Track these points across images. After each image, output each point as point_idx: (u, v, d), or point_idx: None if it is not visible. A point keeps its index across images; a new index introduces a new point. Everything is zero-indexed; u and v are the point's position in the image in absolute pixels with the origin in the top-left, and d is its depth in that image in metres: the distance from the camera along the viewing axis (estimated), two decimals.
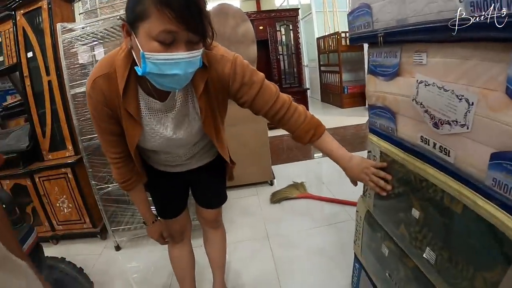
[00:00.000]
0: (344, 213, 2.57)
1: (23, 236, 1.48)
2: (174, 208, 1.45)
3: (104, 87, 0.96)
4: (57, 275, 1.72)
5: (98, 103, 0.98)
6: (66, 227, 2.65)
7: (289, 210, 2.79)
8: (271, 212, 2.79)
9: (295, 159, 4.07)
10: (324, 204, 2.79)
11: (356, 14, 1.16)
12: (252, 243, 2.35)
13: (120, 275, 2.21)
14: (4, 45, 2.48)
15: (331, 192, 2.97)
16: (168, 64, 0.80)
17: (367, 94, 1.23)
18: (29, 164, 2.54)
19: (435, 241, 0.92)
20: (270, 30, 5.52)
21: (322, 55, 7.69)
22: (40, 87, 2.44)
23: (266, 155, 3.21)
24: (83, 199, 2.53)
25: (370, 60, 1.18)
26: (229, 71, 1.03)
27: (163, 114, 1.05)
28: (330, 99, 7.56)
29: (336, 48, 6.63)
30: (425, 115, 0.89)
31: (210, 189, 1.47)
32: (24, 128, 2.66)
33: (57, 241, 2.69)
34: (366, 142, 4.14)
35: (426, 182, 0.93)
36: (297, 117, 1.13)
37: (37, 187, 2.54)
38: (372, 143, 1.23)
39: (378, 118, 1.18)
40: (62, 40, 2.13)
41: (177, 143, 1.13)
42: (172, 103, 1.04)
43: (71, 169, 2.44)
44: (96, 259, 2.40)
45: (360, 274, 1.60)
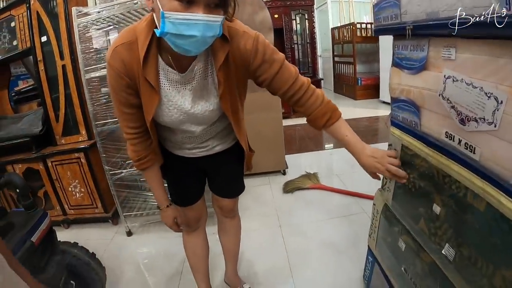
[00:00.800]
0: (357, 206, 2.59)
1: (37, 221, 1.51)
2: (191, 195, 1.47)
3: (125, 55, 0.98)
4: (70, 260, 1.75)
5: (117, 72, 1.00)
6: (77, 211, 2.72)
7: (302, 200, 2.82)
8: (283, 201, 2.83)
9: (307, 149, 4.09)
10: (337, 195, 2.81)
11: (383, 5, 1.16)
12: (264, 232, 2.39)
13: (131, 261, 2.27)
14: (18, 29, 2.51)
15: (344, 183, 2.99)
16: (186, 24, 0.82)
17: (391, 87, 1.23)
18: (42, 148, 2.59)
19: (455, 238, 0.94)
20: (285, 19, 5.49)
21: (336, 45, 7.67)
22: (54, 71, 2.47)
23: (280, 144, 3.24)
24: (96, 184, 2.58)
25: (395, 53, 1.18)
26: (250, 47, 1.04)
27: (181, 86, 1.06)
28: (343, 90, 7.55)
29: (351, 39, 6.61)
30: (452, 111, 0.89)
31: (228, 178, 1.48)
32: (37, 113, 2.71)
33: (68, 225, 2.76)
34: (378, 135, 4.16)
35: (449, 178, 0.94)
36: (314, 99, 1.13)
37: (49, 172, 2.60)
38: (393, 136, 1.24)
39: (401, 112, 1.19)
40: (78, 24, 2.15)
41: (194, 119, 1.13)
42: (191, 75, 1.05)
43: (84, 154, 2.49)
44: (107, 244, 2.46)
45: (373, 268, 1.62)
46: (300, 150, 4.06)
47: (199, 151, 1.32)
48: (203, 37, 0.85)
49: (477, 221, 0.85)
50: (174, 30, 0.82)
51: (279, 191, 3.01)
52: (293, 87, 1.11)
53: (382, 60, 5.95)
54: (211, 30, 0.85)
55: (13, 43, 2.56)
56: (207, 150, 1.32)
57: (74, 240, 1.86)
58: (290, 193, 2.94)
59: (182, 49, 0.87)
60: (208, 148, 1.32)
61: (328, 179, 3.14)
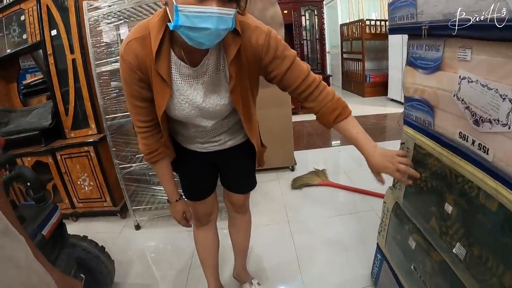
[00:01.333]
0: (364, 203, 2.61)
1: (47, 214, 1.53)
2: (202, 190, 1.49)
3: (138, 50, 1.00)
4: (80, 253, 1.78)
5: (130, 66, 1.02)
6: (86, 204, 2.76)
7: (310, 197, 2.86)
8: (292, 198, 2.86)
9: (315, 146, 4.11)
10: (344, 192, 2.84)
11: (399, 5, 1.17)
12: (273, 228, 2.43)
13: (140, 254, 2.31)
14: (28, 23, 2.54)
15: (351, 180, 3.01)
16: (199, 17, 0.83)
17: (404, 86, 1.25)
18: (51, 141, 2.63)
19: (467, 237, 0.96)
20: (294, 14, 5.49)
21: (345, 42, 7.65)
22: (63, 65, 2.50)
23: (289, 140, 3.26)
24: (105, 178, 2.62)
25: (410, 52, 1.20)
26: (263, 42, 1.05)
27: (193, 80, 1.08)
28: (352, 87, 7.55)
29: (360, 36, 6.60)
30: (466, 112, 0.91)
31: (239, 173, 1.50)
32: (47, 106, 2.74)
33: (77, 218, 2.81)
34: (386, 133, 4.17)
35: (462, 178, 0.96)
36: (324, 95, 1.14)
37: (58, 165, 2.64)
38: (406, 135, 1.26)
39: (414, 111, 1.21)
40: (88, 18, 2.18)
41: (205, 113, 1.15)
42: (203, 69, 1.07)
43: (93, 148, 2.52)
44: (115, 237, 2.51)
45: (381, 265, 1.65)
46: (308, 147, 4.08)
47: (211, 146, 1.34)
48: (217, 29, 0.86)
49: (489, 221, 0.87)
50: (188, 23, 0.84)
51: (287, 187, 3.04)
52: (304, 84, 1.12)
53: (391, 58, 5.94)
54: (224, 23, 0.87)
55: (23, 36, 2.59)
56: (219, 144, 1.34)
57: (82, 234, 1.89)
58: (299, 189, 2.98)
59: (196, 42, 0.89)
60: (220, 143, 1.34)
61: (336, 176, 3.17)
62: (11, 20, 2.61)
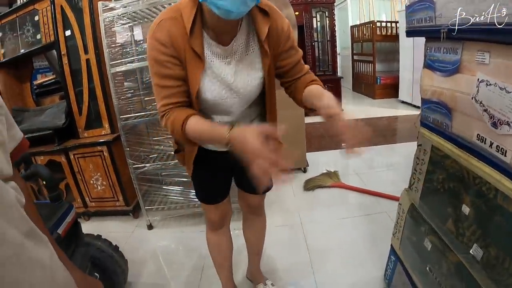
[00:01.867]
0: (377, 205, 2.63)
1: (63, 213, 1.57)
2: (218, 193, 1.51)
3: (170, 28, 1.03)
4: (94, 252, 1.80)
5: (163, 43, 1.04)
6: (98, 204, 2.81)
7: (322, 198, 2.89)
8: (304, 199, 2.89)
9: (327, 148, 4.13)
10: (357, 194, 2.86)
11: (417, 7, 1.20)
12: (286, 229, 2.46)
13: (152, 254, 2.36)
14: (42, 23, 2.59)
15: (364, 182, 3.04)
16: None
17: (422, 88, 1.27)
18: (65, 141, 2.69)
19: (484, 238, 0.98)
20: (305, 16, 5.51)
21: (355, 43, 7.67)
22: (77, 65, 2.55)
23: (301, 142, 3.28)
24: (118, 177, 2.67)
25: (428, 55, 1.22)
26: (286, 29, 1.14)
27: (224, 59, 1.12)
28: (362, 89, 7.55)
29: (371, 37, 6.61)
30: (484, 114, 0.94)
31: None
32: (60, 106, 2.80)
33: (89, 218, 2.86)
34: (397, 135, 4.16)
35: (479, 179, 0.99)
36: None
37: (71, 164, 2.69)
38: (423, 137, 1.28)
39: (432, 113, 1.23)
40: (103, 19, 2.22)
41: (235, 94, 1.17)
42: (234, 49, 1.11)
43: (107, 147, 2.57)
44: (128, 237, 2.55)
45: (395, 267, 1.66)
46: (320, 148, 4.10)
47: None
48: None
49: (506, 222, 0.89)
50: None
51: (300, 188, 3.07)
52: (301, 73, 1.23)
53: (402, 60, 5.95)
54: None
55: (37, 36, 2.64)
56: None
57: (95, 233, 1.93)
58: (311, 190, 3.00)
59: (223, 11, 0.91)
60: None
61: (348, 177, 3.18)
62: (25, 20, 2.67)
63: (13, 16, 2.69)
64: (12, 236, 0.52)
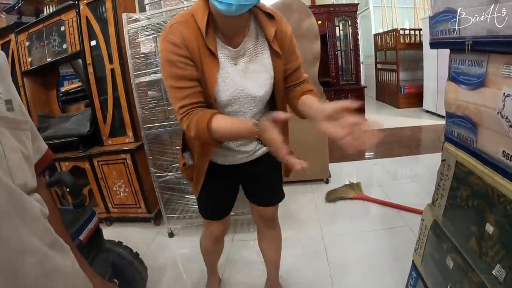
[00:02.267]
0: (399, 219, 2.57)
1: (85, 220, 1.59)
2: (223, 209, 1.55)
3: (183, 30, 1.08)
4: (114, 258, 1.82)
5: (176, 44, 1.07)
6: (121, 210, 2.87)
7: (344, 210, 2.84)
8: (326, 211, 2.85)
9: (349, 158, 4.08)
10: (379, 207, 2.80)
11: (440, 19, 1.17)
12: (306, 241, 2.43)
13: (172, 261, 2.38)
14: (68, 33, 2.67)
15: (387, 195, 2.97)
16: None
17: (446, 101, 1.24)
18: (89, 148, 2.76)
19: (507, 259, 0.94)
20: (328, 25, 5.48)
21: (379, 52, 7.59)
22: (102, 74, 2.62)
23: (324, 152, 3.26)
24: (140, 185, 2.71)
25: (452, 67, 1.19)
26: (290, 33, 1.22)
27: (234, 60, 1.17)
28: (386, 98, 7.45)
29: (394, 46, 6.53)
30: (510, 130, 0.90)
31: (268, 186, 1.52)
32: (85, 113, 2.87)
33: (111, 223, 2.92)
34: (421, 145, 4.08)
35: (504, 197, 0.94)
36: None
37: (95, 171, 2.76)
38: (447, 152, 1.24)
39: (456, 127, 1.20)
40: (128, 30, 2.28)
41: (246, 95, 1.19)
42: (243, 51, 1.17)
43: (130, 155, 2.62)
44: (149, 243, 2.58)
45: (416, 284, 1.62)
46: (342, 159, 4.04)
47: (242, 157, 1.37)
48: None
49: None
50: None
51: (322, 199, 3.03)
52: (300, 80, 1.28)
53: (426, 68, 5.83)
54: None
55: (63, 46, 2.73)
56: (249, 155, 1.38)
57: (116, 238, 1.95)
58: (333, 202, 2.96)
59: (225, 5, 0.97)
60: (251, 153, 1.37)
61: (370, 189, 3.13)
62: (51, 30, 2.76)
63: (40, 26, 2.79)
64: (36, 247, 0.55)
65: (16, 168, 0.57)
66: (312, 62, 3.10)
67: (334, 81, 5.66)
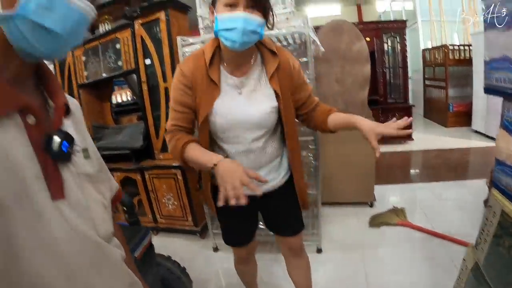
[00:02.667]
0: (442, 249, 2.51)
1: (140, 237, 1.69)
2: (244, 237, 1.61)
3: (193, 63, 1.27)
4: (164, 272, 1.90)
5: (183, 72, 1.27)
6: (168, 221, 3.00)
7: (387, 236, 2.80)
8: (368, 235, 2.83)
9: (395, 181, 4.00)
10: (423, 235, 2.74)
11: (496, 65, 1.19)
12: (347, 265, 2.43)
13: (216, 276, 2.46)
14: (123, 51, 2.83)
15: (430, 223, 2.89)
16: (230, 20, 1.11)
17: (497, 149, 1.25)
18: (141, 160, 2.91)
19: None
20: (376, 42, 5.43)
21: (427, 67, 7.36)
22: (156, 92, 2.76)
23: (370, 176, 3.19)
24: (189, 200, 2.82)
25: (505, 115, 1.20)
26: (298, 67, 1.36)
27: (238, 89, 1.29)
28: (433, 116, 7.21)
29: (443, 62, 6.31)
30: None
31: (285, 214, 1.54)
32: (138, 126, 3.04)
33: (157, 232, 3.07)
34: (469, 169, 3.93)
35: None
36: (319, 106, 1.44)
37: (146, 183, 2.91)
38: (494, 199, 1.25)
39: (505, 176, 1.20)
40: (183, 53, 2.41)
41: (248, 119, 1.28)
42: (247, 82, 1.29)
43: (181, 171, 2.74)
44: (193, 256, 2.69)
45: None
46: (387, 182, 3.96)
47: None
48: (244, 29, 1.10)
49: None
50: (223, 26, 1.13)
51: (365, 223, 2.99)
52: (312, 104, 1.43)
53: (476, 86, 5.60)
54: (250, 24, 1.11)
55: (118, 63, 2.89)
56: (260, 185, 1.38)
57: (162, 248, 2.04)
58: (377, 227, 2.92)
59: (230, 41, 1.14)
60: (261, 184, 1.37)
61: (414, 215, 3.07)
62: (107, 47, 2.92)
63: (96, 42, 2.95)
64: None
65: (99, 220, 0.66)
66: (362, 85, 3.10)
67: (382, 99, 5.59)
